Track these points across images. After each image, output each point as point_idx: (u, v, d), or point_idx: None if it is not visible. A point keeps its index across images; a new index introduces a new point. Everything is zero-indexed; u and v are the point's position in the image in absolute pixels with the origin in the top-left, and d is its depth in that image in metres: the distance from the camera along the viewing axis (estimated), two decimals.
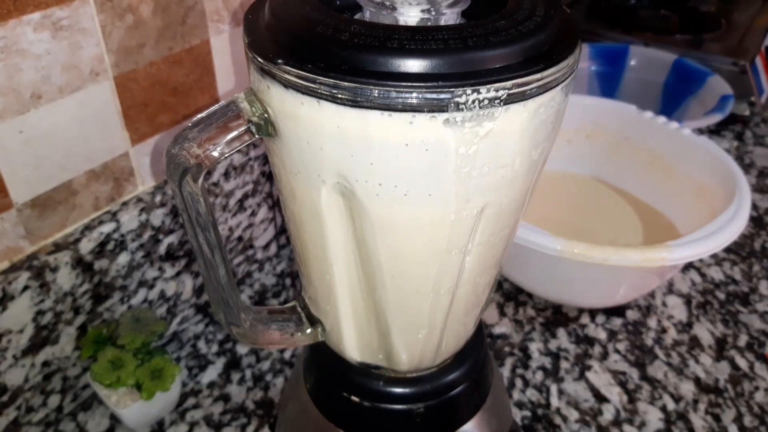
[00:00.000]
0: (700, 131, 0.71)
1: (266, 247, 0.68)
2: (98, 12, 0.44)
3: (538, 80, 0.25)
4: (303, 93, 0.25)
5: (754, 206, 0.80)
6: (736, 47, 0.95)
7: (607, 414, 0.55)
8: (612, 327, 0.63)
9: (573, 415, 0.55)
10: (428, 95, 0.23)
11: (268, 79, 0.26)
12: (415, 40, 0.24)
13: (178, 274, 0.57)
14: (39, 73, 0.42)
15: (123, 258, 0.51)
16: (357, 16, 0.30)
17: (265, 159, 0.62)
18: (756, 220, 0.78)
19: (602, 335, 0.62)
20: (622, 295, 0.63)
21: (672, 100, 0.91)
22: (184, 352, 0.60)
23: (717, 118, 0.79)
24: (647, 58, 0.93)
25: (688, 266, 0.71)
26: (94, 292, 0.50)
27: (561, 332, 0.63)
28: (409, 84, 0.23)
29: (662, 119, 0.69)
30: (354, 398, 0.39)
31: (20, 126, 0.43)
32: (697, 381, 0.58)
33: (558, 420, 0.54)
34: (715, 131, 0.94)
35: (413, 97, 0.23)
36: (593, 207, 0.73)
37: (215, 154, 0.28)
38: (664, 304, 0.66)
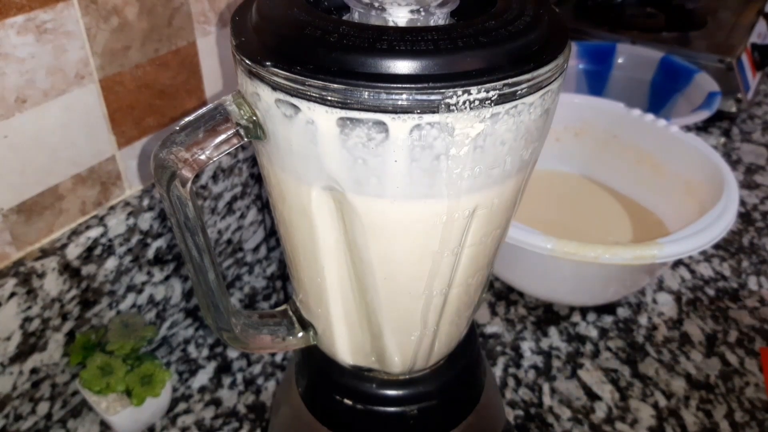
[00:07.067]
0: (687, 128, 0.71)
1: (256, 249, 0.67)
2: (83, 15, 0.44)
3: (528, 80, 0.25)
4: (292, 95, 0.25)
5: (742, 202, 0.80)
6: (722, 44, 0.95)
7: (600, 412, 0.55)
8: (603, 325, 0.63)
9: (565, 413, 0.55)
10: (418, 96, 0.23)
11: (256, 82, 0.26)
12: (405, 41, 0.24)
13: (167, 278, 0.57)
14: (23, 77, 0.42)
15: (111, 263, 0.51)
16: (345, 17, 0.30)
17: (253, 161, 0.61)
18: (744, 216, 0.78)
19: (593, 333, 0.62)
20: (613, 292, 0.63)
21: (659, 97, 0.91)
22: (174, 357, 0.59)
23: (704, 115, 0.80)
24: (634, 56, 0.93)
25: (677, 263, 0.71)
26: (81, 297, 0.50)
27: (552, 331, 0.63)
28: (400, 85, 0.23)
29: (650, 117, 0.69)
30: (347, 401, 0.39)
31: (5, 131, 0.42)
32: (688, 377, 0.58)
33: (551, 419, 0.54)
34: (702, 128, 0.94)
35: (403, 99, 0.23)
36: (582, 205, 0.73)
37: (203, 157, 0.27)
38: (654, 301, 0.66)
